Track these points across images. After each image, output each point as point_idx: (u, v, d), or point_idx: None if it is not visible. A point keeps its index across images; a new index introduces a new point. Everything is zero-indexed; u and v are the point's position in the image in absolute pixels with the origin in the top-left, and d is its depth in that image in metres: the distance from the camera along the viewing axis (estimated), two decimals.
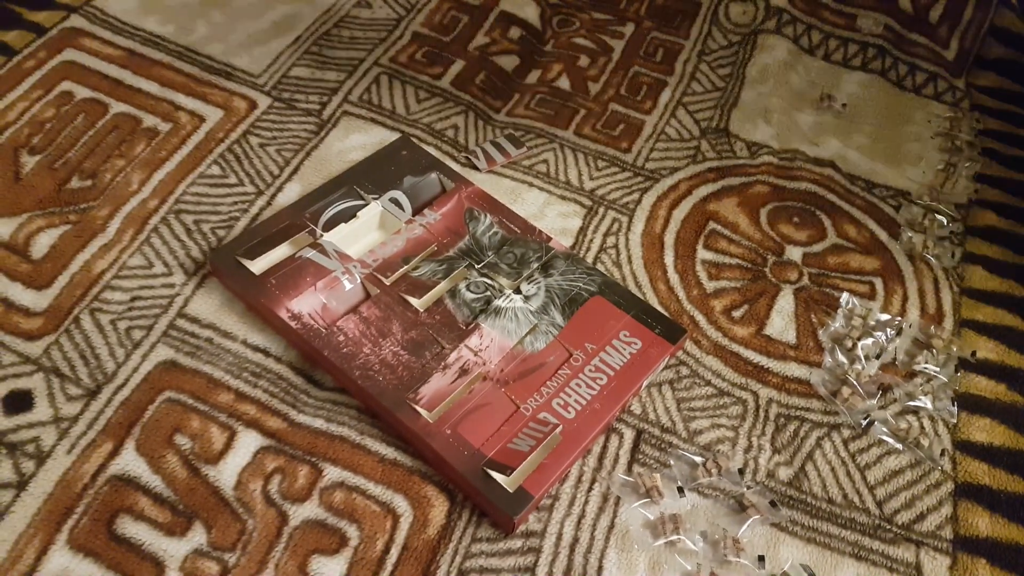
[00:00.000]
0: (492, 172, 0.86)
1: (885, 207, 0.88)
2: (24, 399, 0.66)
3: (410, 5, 1.03)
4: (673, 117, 0.95)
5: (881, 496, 0.67)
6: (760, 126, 0.95)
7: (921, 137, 0.95)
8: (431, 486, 0.64)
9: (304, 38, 0.97)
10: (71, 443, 0.64)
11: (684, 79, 0.99)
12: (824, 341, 0.76)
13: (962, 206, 0.88)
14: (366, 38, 0.98)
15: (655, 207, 0.86)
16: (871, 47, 1.03)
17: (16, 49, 0.91)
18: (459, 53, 0.98)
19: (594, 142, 0.91)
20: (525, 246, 0.76)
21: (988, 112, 0.98)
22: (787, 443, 0.69)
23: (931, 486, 0.67)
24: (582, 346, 0.70)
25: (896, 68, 1.02)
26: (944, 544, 0.64)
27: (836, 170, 0.90)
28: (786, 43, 1.02)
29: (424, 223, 0.77)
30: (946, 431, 0.70)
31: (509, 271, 0.74)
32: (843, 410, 0.71)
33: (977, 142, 0.95)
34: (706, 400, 0.71)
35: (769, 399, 0.72)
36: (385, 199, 0.78)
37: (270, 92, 0.91)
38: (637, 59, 1.01)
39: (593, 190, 0.87)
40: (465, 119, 0.91)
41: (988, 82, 1.02)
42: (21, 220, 0.77)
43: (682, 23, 1.06)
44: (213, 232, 0.78)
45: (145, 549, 0.60)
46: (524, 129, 0.91)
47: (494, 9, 1.04)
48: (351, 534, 0.61)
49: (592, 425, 0.65)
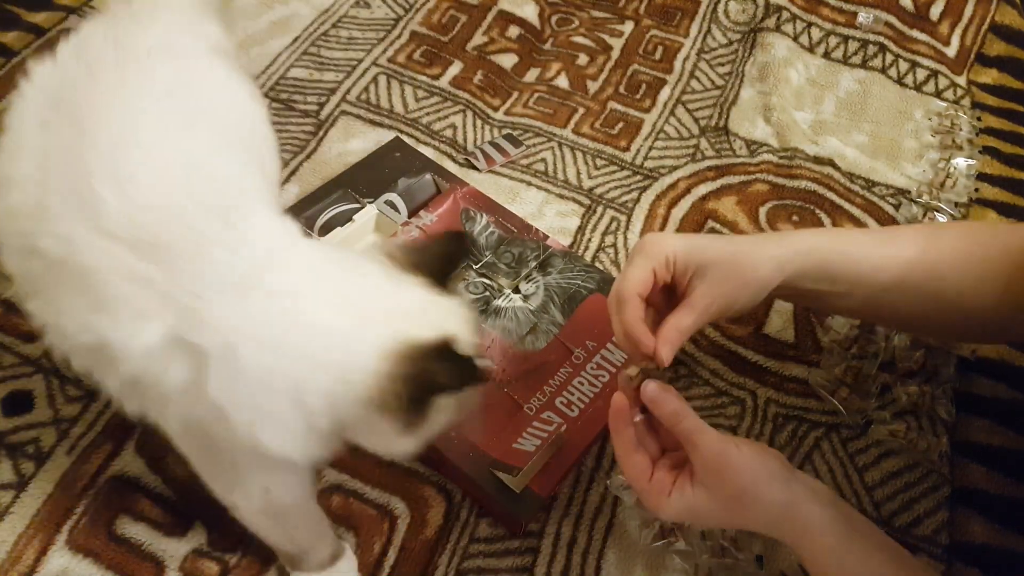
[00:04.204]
0: (491, 172, 0.86)
1: (885, 205, 0.87)
2: (24, 400, 0.66)
3: (408, 5, 1.03)
4: (672, 115, 0.94)
5: (879, 498, 0.67)
6: (759, 124, 0.94)
7: (921, 135, 0.95)
8: (429, 487, 0.65)
9: (302, 39, 0.97)
10: (71, 444, 0.64)
11: (683, 77, 0.98)
12: (823, 340, 0.76)
13: (962, 205, 0.88)
14: (364, 38, 0.98)
15: (654, 206, 0.86)
16: (871, 44, 1.03)
17: (15, 50, 0.91)
18: (457, 52, 0.98)
19: (593, 141, 0.91)
20: (522, 245, 0.76)
21: (989, 110, 0.98)
22: (785, 443, 0.69)
23: (928, 488, 0.67)
24: (583, 344, 0.70)
25: (896, 65, 1.01)
26: (938, 551, 0.64)
27: (835, 168, 0.89)
28: (786, 41, 1.02)
29: (420, 225, 0.77)
30: (944, 432, 0.70)
31: (507, 271, 0.74)
32: (841, 410, 0.71)
33: (977, 140, 0.94)
34: (704, 400, 0.71)
35: (767, 399, 0.72)
36: (380, 202, 0.78)
37: (268, 93, 0.91)
38: (636, 57, 1.00)
39: (592, 189, 0.86)
40: (464, 118, 0.91)
41: (989, 79, 1.01)
42: None
43: (681, 21, 1.05)
44: None
45: (145, 549, 0.60)
46: (523, 128, 0.91)
47: (492, 8, 1.03)
48: (348, 540, 0.61)
49: (597, 422, 0.65)
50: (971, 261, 0.58)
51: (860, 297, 0.58)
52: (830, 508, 0.50)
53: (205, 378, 0.43)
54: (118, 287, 0.43)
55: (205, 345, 0.43)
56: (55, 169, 0.45)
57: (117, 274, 0.43)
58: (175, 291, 0.43)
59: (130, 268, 0.43)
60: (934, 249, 0.59)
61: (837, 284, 0.58)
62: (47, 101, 0.48)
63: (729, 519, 0.52)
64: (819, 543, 0.49)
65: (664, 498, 0.50)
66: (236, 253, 0.45)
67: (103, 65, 0.49)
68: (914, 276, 0.58)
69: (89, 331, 0.44)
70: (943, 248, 0.59)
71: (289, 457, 0.47)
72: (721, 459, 0.49)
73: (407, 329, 0.45)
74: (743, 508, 0.50)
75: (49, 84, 0.48)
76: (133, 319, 0.43)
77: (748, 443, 0.51)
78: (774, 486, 0.49)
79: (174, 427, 0.48)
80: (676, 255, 0.54)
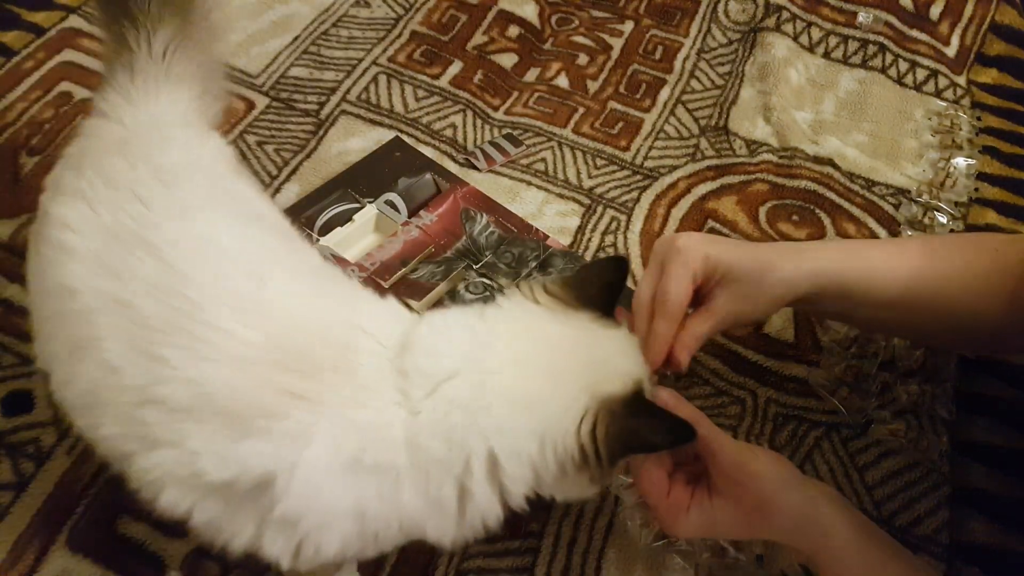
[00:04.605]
0: (491, 171, 0.86)
1: (885, 205, 0.87)
2: (24, 400, 0.66)
3: (408, 4, 1.03)
4: (672, 115, 0.94)
5: (879, 497, 0.67)
6: (759, 124, 0.94)
7: (921, 135, 0.95)
8: None
9: (302, 38, 0.97)
10: (71, 444, 0.64)
11: (683, 77, 0.98)
12: (823, 340, 0.76)
13: (962, 204, 0.88)
14: (364, 38, 0.98)
15: (654, 205, 0.86)
16: (871, 44, 1.03)
17: (15, 50, 0.91)
18: (457, 52, 0.98)
19: (593, 140, 0.91)
20: (523, 245, 0.76)
21: (989, 109, 0.98)
22: (785, 443, 0.69)
23: (929, 488, 0.67)
24: None
25: (896, 65, 1.01)
26: (939, 550, 0.64)
27: (835, 168, 0.89)
28: (786, 40, 1.02)
29: (420, 225, 0.77)
30: (945, 431, 0.70)
31: (507, 271, 0.74)
32: (842, 410, 0.71)
33: (977, 140, 0.94)
34: (704, 399, 0.71)
35: (767, 398, 0.72)
36: (380, 201, 0.78)
37: (268, 92, 0.91)
38: (636, 57, 1.00)
39: (592, 188, 0.86)
40: (464, 118, 0.91)
41: (989, 79, 1.01)
42: (21, 221, 0.77)
43: (681, 21, 1.05)
44: None
45: (146, 549, 0.60)
46: (523, 128, 0.91)
47: (493, 8, 1.03)
48: None
49: None
50: (977, 274, 0.58)
51: (869, 310, 0.59)
52: (846, 514, 0.50)
53: (394, 490, 0.41)
54: (268, 410, 0.40)
55: (387, 458, 0.41)
56: (151, 317, 0.42)
57: (264, 399, 0.41)
58: (332, 406, 0.41)
59: (277, 389, 0.40)
60: (941, 262, 0.59)
61: (850, 302, 0.58)
62: (100, 245, 0.44)
63: (748, 530, 0.51)
64: (839, 550, 0.49)
65: (683, 515, 0.50)
66: (380, 353, 0.43)
67: (150, 193, 0.46)
68: (922, 290, 0.58)
69: (235, 463, 0.40)
70: (950, 261, 0.59)
71: (441, 542, 0.45)
72: (742, 469, 0.49)
73: (599, 382, 0.44)
74: (764, 518, 0.50)
75: (92, 226, 0.45)
76: (293, 440, 0.40)
77: (763, 451, 0.51)
78: (792, 494, 0.49)
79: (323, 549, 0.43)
80: (708, 261, 0.54)
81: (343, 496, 0.42)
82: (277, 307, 0.44)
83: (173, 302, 0.42)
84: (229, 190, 0.51)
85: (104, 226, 0.45)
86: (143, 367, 0.42)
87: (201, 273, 0.43)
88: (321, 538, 0.43)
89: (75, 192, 0.47)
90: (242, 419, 0.41)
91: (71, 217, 0.46)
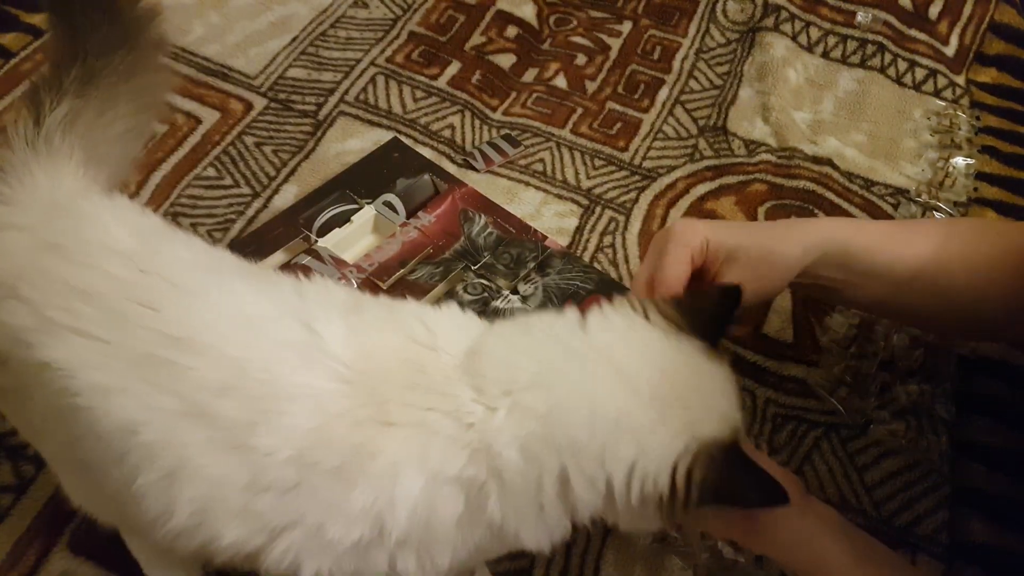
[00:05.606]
0: (489, 172, 0.86)
1: (884, 205, 0.87)
2: None
3: (407, 5, 1.02)
4: (671, 115, 0.94)
5: (879, 497, 0.67)
6: (758, 124, 0.94)
7: (920, 134, 0.95)
8: None
9: (300, 39, 0.97)
10: None
11: (682, 77, 0.98)
12: (822, 340, 0.76)
13: (961, 204, 0.88)
14: (363, 38, 0.98)
15: (652, 206, 0.86)
16: (870, 44, 1.03)
17: (13, 51, 0.91)
18: (456, 53, 0.98)
19: (591, 141, 0.91)
20: (521, 246, 0.76)
21: (988, 109, 0.98)
22: (785, 443, 0.69)
23: (928, 488, 0.67)
24: None
25: (895, 65, 1.01)
26: (939, 550, 0.64)
27: (834, 168, 0.89)
28: (784, 40, 1.02)
29: (419, 226, 0.77)
30: (944, 431, 0.70)
31: (506, 271, 0.74)
32: (841, 410, 0.71)
33: (976, 139, 0.94)
34: None
35: (766, 399, 0.72)
36: (379, 202, 0.78)
37: (266, 93, 0.90)
38: (635, 57, 1.00)
39: (590, 189, 0.86)
40: (462, 119, 0.91)
41: (988, 78, 1.01)
42: None
43: (680, 21, 1.05)
44: (210, 235, 0.78)
45: None
46: (521, 128, 0.91)
47: (491, 8, 1.03)
48: None
49: None
50: (981, 259, 0.58)
51: (873, 289, 0.59)
52: (844, 544, 0.50)
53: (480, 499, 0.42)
54: (360, 451, 0.40)
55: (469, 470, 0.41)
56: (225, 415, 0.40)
57: (354, 440, 0.40)
58: (414, 426, 0.41)
59: (362, 427, 0.41)
60: (948, 246, 0.59)
61: (854, 274, 0.58)
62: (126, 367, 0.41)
63: (744, 541, 0.52)
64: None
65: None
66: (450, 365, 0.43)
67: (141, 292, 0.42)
68: (927, 272, 0.58)
69: (357, 521, 0.41)
70: (956, 245, 0.59)
71: (538, 548, 0.44)
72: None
73: (700, 420, 0.41)
74: (756, 534, 0.50)
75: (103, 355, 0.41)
76: (386, 473, 0.41)
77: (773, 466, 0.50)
78: (792, 521, 0.49)
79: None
80: (709, 240, 0.54)
81: (440, 509, 0.42)
82: (333, 348, 0.42)
83: (240, 387, 0.41)
84: (199, 247, 0.48)
85: (121, 345, 0.41)
86: (241, 464, 0.41)
87: (253, 348, 0.42)
88: (433, 551, 0.43)
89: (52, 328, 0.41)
90: (343, 471, 0.41)
91: (75, 360, 0.41)
